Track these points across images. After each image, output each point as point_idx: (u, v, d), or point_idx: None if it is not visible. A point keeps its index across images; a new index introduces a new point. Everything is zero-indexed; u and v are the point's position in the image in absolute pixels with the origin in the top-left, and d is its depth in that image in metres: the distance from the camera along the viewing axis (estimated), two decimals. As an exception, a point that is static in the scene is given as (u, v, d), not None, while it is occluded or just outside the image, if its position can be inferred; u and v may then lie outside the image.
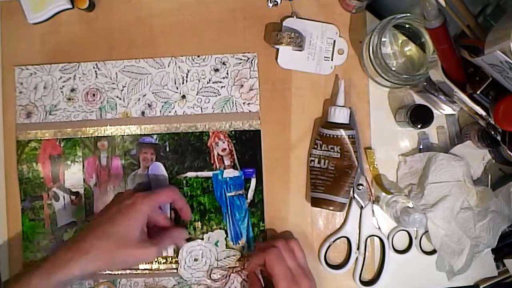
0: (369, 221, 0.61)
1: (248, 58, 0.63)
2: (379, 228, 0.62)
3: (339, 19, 0.63)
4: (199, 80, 0.63)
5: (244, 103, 0.63)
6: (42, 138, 0.63)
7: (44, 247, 0.63)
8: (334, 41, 0.62)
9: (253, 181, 0.62)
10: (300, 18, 0.62)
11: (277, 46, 0.61)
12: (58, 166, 0.63)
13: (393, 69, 0.56)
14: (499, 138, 0.53)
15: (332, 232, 0.63)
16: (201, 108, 0.63)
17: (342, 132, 0.59)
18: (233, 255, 0.62)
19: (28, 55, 0.64)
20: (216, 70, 0.63)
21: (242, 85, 0.63)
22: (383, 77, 0.57)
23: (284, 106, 0.63)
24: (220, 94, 0.63)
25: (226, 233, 0.62)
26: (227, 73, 0.63)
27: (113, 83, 0.63)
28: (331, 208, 0.59)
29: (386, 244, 0.61)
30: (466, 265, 0.58)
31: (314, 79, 0.63)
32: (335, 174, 0.59)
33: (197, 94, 0.63)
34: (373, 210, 0.62)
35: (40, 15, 0.62)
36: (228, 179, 0.62)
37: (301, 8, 0.63)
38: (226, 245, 0.62)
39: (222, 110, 0.63)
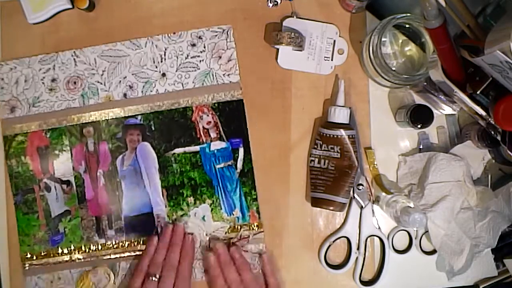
0: (369, 221, 0.61)
1: (224, 30, 0.63)
2: (379, 228, 0.62)
3: (339, 19, 0.63)
4: (177, 57, 0.63)
5: (224, 74, 0.63)
6: (28, 131, 0.64)
7: (41, 239, 0.63)
8: (334, 41, 0.62)
9: (241, 151, 0.62)
10: (300, 18, 0.63)
11: (277, 46, 0.61)
12: (46, 157, 0.63)
13: (393, 69, 0.56)
14: (499, 138, 0.53)
15: (332, 232, 0.63)
16: (182, 84, 0.63)
17: (342, 132, 0.59)
18: (221, 227, 0.62)
19: (28, 55, 0.64)
20: (193, 45, 0.63)
21: (220, 57, 0.63)
22: (383, 77, 0.57)
23: (284, 106, 0.63)
24: (199, 68, 0.63)
25: (215, 206, 0.62)
26: (204, 47, 0.63)
27: (93, 69, 0.64)
28: (331, 208, 0.59)
29: (386, 244, 0.61)
30: (466, 265, 0.58)
31: (314, 79, 0.63)
32: (335, 174, 0.59)
33: (176, 71, 0.63)
34: (373, 210, 0.62)
35: (40, 15, 0.63)
36: (216, 151, 0.63)
37: (301, 8, 0.63)
38: (213, 218, 0.62)
39: (203, 84, 0.63)
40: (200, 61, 0.63)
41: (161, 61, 0.63)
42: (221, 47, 0.63)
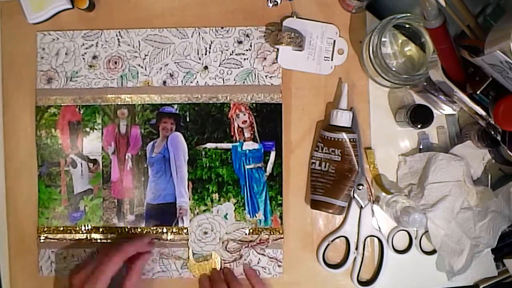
0: (368, 221, 0.61)
1: (272, 31, 0.63)
2: (379, 228, 0.62)
3: (339, 19, 0.63)
4: (222, 52, 0.63)
5: (266, 76, 0.62)
6: (62, 104, 0.63)
7: (60, 214, 0.63)
8: (334, 41, 0.62)
9: (273, 154, 0.62)
10: (300, 18, 0.62)
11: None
12: (76, 133, 0.63)
13: (393, 69, 0.56)
14: (499, 138, 0.53)
15: (331, 232, 0.62)
16: (223, 80, 0.63)
17: (344, 136, 0.58)
18: (242, 228, 0.62)
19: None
20: (240, 42, 0.63)
21: (265, 58, 0.62)
22: (383, 77, 0.57)
23: (284, 106, 0.62)
24: (242, 66, 0.63)
25: (239, 205, 0.62)
26: (251, 46, 0.63)
27: (136, 52, 0.63)
28: (330, 211, 0.59)
29: (385, 244, 0.61)
30: (466, 265, 0.58)
31: (314, 79, 0.63)
32: (335, 177, 0.59)
33: (219, 66, 0.63)
34: (372, 210, 0.61)
35: (40, 15, 0.62)
36: (247, 151, 0.62)
37: (301, 8, 0.63)
38: (235, 217, 0.62)
39: (244, 82, 0.62)
40: (244, 59, 0.63)
41: (205, 54, 0.63)
42: (267, 48, 0.62)
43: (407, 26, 0.58)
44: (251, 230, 0.62)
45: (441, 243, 0.59)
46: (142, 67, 0.63)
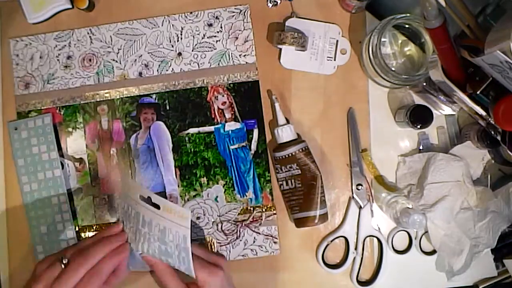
0: (367, 222, 0.61)
1: (241, 10, 0.63)
2: (378, 228, 0.62)
3: (339, 19, 0.63)
4: (193, 36, 0.63)
5: (240, 55, 0.63)
6: (42, 108, 0.63)
7: (52, 216, 0.63)
8: (337, 41, 0.62)
9: (256, 132, 0.62)
10: (299, 18, 0.62)
11: (280, 46, 0.61)
12: (60, 134, 0.63)
13: (393, 69, 0.56)
14: (499, 138, 0.53)
15: (331, 232, 0.62)
16: (198, 64, 0.63)
17: (293, 149, 0.58)
18: (234, 209, 0.62)
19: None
20: (210, 25, 0.63)
21: (236, 38, 0.63)
22: (382, 77, 0.57)
23: (284, 106, 0.62)
24: (215, 48, 0.63)
25: (228, 186, 0.62)
26: (221, 27, 0.63)
27: (109, 47, 0.63)
28: (314, 223, 0.58)
29: (384, 244, 0.61)
30: (465, 265, 0.58)
31: (314, 79, 0.63)
32: (303, 189, 0.58)
33: (192, 50, 0.63)
34: (372, 210, 0.61)
35: (40, 15, 0.62)
36: (230, 132, 0.62)
37: (301, 8, 0.63)
38: (226, 199, 0.62)
39: (219, 64, 0.63)
40: (217, 41, 0.63)
41: (178, 41, 0.63)
42: (238, 27, 0.63)
43: (407, 26, 0.58)
44: (242, 210, 0.62)
45: (441, 243, 0.59)
46: (116, 61, 0.63)
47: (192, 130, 0.62)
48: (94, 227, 0.63)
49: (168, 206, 0.49)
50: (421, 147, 0.62)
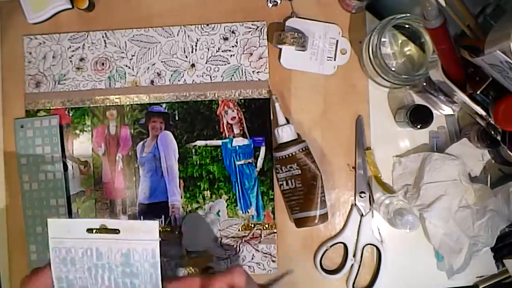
0: (368, 230, 0.61)
1: (258, 27, 0.63)
2: (380, 237, 0.62)
3: (339, 19, 0.63)
4: (208, 49, 0.63)
5: (253, 71, 0.62)
6: (51, 107, 0.63)
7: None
8: (337, 41, 0.62)
9: (263, 150, 0.62)
10: (299, 18, 0.62)
11: (280, 46, 0.61)
12: (66, 135, 0.63)
13: (393, 69, 0.56)
14: (499, 138, 0.53)
15: (330, 237, 0.62)
16: (210, 77, 0.63)
17: (293, 149, 0.58)
18: (235, 224, 0.62)
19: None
20: (226, 38, 0.63)
21: (251, 54, 0.63)
22: (382, 77, 0.57)
23: (284, 106, 0.62)
24: (229, 63, 0.63)
25: (231, 202, 0.62)
26: (236, 42, 0.63)
27: (122, 52, 0.63)
28: (314, 223, 0.58)
29: (383, 254, 0.61)
30: (465, 264, 0.58)
31: (314, 79, 0.63)
32: (304, 189, 0.59)
33: (206, 63, 0.63)
34: (373, 217, 0.61)
35: (40, 15, 0.62)
36: (237, 147, 0.62)
37: (301, 8, 0.63)
38: (228, 214, 0.62)
39: (231, 79, 0.63)
40: (231, 55, 0.63)
41: (192, 52, 0.63)
42: (253, 44, 0.63)
43: (407, 26, 0.58)
44: (243, 226, 0.62)
45: (440, 243, 0.59)
46: (129, 68, 0.63)
47: (200, 143, 0.62)
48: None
49: (129, 226, 0.47)
50: (435, 149, 0.62)
